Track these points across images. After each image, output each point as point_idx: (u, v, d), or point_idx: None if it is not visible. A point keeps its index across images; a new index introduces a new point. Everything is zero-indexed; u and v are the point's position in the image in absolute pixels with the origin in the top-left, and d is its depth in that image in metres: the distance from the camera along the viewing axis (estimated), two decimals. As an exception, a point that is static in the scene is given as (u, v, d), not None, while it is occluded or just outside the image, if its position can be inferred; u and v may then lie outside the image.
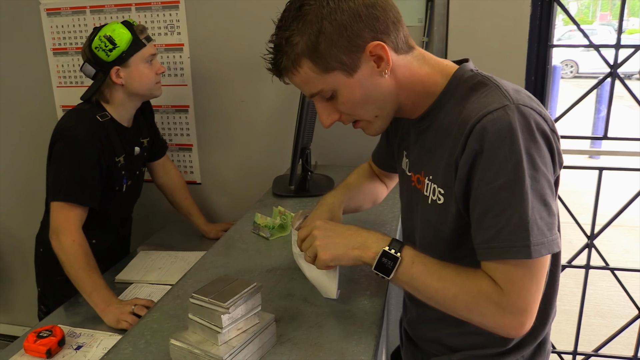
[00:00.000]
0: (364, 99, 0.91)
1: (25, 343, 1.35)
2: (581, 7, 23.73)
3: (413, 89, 0.93)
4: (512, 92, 0.83)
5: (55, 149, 1.59)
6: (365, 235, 0.94)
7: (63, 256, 1.52)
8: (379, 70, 0.88)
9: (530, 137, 0.79)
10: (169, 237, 2.09)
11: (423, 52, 0.95)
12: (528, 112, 0.80)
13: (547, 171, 0.81)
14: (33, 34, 2.22)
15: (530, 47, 1.79)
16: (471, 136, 0.81)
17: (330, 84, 0.89)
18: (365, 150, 2.05)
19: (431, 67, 0.94)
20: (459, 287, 0.85)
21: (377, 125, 0.96)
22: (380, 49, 0.86)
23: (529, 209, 0.78)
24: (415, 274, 0.88)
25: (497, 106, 0.80)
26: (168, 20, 2.07)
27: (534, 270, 0.80)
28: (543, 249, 0.79)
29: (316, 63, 0.87)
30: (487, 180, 0.80)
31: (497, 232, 0.80)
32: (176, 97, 2.17)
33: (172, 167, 2.04)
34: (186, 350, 0.87)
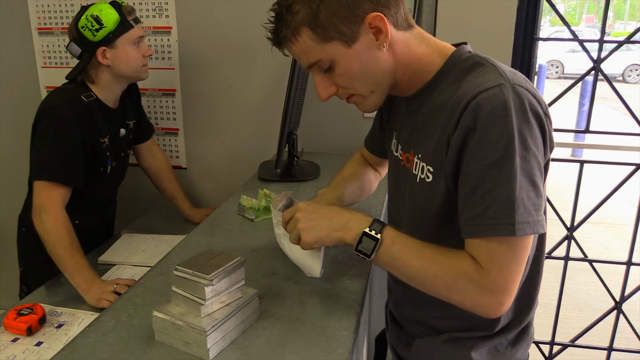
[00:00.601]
0: (362, 71, 0.91)
1: (5, 320, 1.34)
2: (568, 9, 23.98)
3: (410, 66, 0.93)
4: (509, 73, 0.84)
5: (38, 128, 1.57)
6: (347, 217, 0.95)
7: (45, 235, 1.50)
8: (378, 43, 0.88)
9: (523, 116, 0.80)
10: (153, 220, 2.08)
11: (422, 32, 0.95)
12: (523, 93, 0.81)
13: (537, 152, 0.82)
14: (17, 12, 2.18)
15: (516, 40, 1.82)
16: (465, 113, 0.82)
17: (329, 53, 0.89)
18: (352, 138, 2.09)
19: (429, 47, 0.94)
20: (439, 267, 0.86)
21: (371, 100, 0.96)
22: (379, 20, 0.87)
23: (516, 187, 0.79)
24: (396, 254, 0.89)
25: (493, 84, 0.81)
26: (157, 3, 2.05)
27: (516, 249, 0.81)
28: (528, 228, 0.79)
29: (315, 32, 0.87)
30: (477, 157, 0.81)
31: (484, 210, 0.81)
32: (163, 80, 2.15)
33: (158, 151, 2.03)
34: (169, 322, 0.87)
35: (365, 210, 1.49)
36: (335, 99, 1.81)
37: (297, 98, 1.63)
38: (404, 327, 1.14)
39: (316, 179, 1.76)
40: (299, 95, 1.64)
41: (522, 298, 0.99)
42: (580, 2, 24.55)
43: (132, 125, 1.84)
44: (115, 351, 0.87)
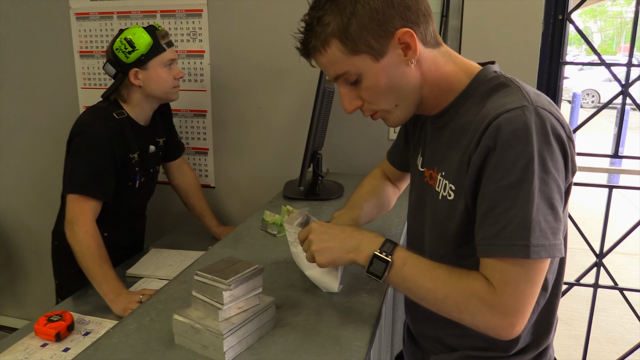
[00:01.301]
0: (388, 86, 0.91)
1: (35, 326, 1.39)
2: (605, 39, 23.69)
3: (437, 84, 0.94)
4: (533, 95, 0.83)
5: (72, 143, 1.66)
6: (359, 238, 0.96)
7: (76, 247, 1.57)
8: (406, 59, 0.89)
9: (544, 139, 0.79)
10: (181, 237, 2.13)
11: (450, 50, 0.96)
12: (545, 115, 0.80)
13: (558, 176, 0.81)
14: (62, 36, 2.32)
15: (542, 64, 1.82)
16: (486, 133, 0.82)
17: (356, 66, 0.90)
18: (377, 160, 2.07)
19: (456, 66, 0.95)
20: (450, 288, 0.85)
21: (396, 115, 0.97)
22: (409, 36, 0.87)
23: (533, 209, 0.78)
24: (407, 276, 0.90)
25: (515, 106, 0.81)
26: (191, 28, 2.15)
27: (530, 272, 0.80)
28: (543, 252, 0.79)
29: (345, 44, 0.88)
30: (496, 177, 0.81)
31: (499, 230, 0.80)
32: (195, 102, 2.23)
33: (188, 169, 2.09)
34: (188, 325, 0.90)
35: (386, 228, 1.51)
36: (360, 121, 1.85)
37: (321, 118, 1.67)
38: (419, 343, 1.14)
39: (339, 199, 1.78)
40: (323, 115, 1.68)
41: (540, 321, 0.97)
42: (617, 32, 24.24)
43: (162, 143, 1.91)
44: (136, 352, 0.90)
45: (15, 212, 2.60)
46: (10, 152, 2.56)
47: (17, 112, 2.49)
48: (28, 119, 2.48)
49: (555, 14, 1.82)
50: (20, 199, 2.59)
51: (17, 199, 2.59)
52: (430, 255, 1.02)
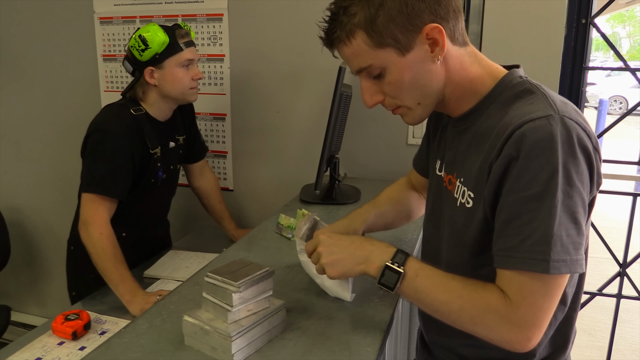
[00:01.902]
0: (412, 82, 0.89)
1: (53, 324, 1.41)
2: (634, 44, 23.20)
3: (460, 84, 0.91)
4: (559, 103, 0.81)
5: (88, 142, 1.65)
6: (370, 249, 0.95)
7: (91, 248, 1.56)
8: (432, 55, 0.86)
9: (570, 151, 0.76)
10: (200, 239, 2.15)
11: (476, 51, 0.93)
12: (572, 126, 0.77)
13: (582, 189, 0.78)
14: (86, 40, 2.36)
15: (564, 69, 1.79)
16: (509, 141, 0.79)
17: (381, 60, 0.87)
18: (394, 164, 2.10)
19: (482, 67, 0.92)
20: (465, 300, 0.83)
21: (417, 113, 0.94)
22: (437, 32, 0.84)
23: (555, 223, 0.76)
24: (419, 287, 0.88)
25: (541, 115, 0.78)
26: (212, 32, 2.17)
27: (549, 286, 0.78)
28: (563, 267, 0.76)
29: (371, 36, 0.85)
30: (517, 188, 0.78)
31: (519, 242, 0.78)
32: (215, 105, 2.25)
33: (209, 172, 2.09)
34: (197, 326, 0.90)
35: (401, 234, 1.49)
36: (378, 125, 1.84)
37: (338, 122, 1.66)
38: (432, 351, 1.12)
39: (356, 203, 1.77)
40: (340, 119, 1.67)
41: (558, 335, 0.95)
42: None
43: (182, 141, 1.88)
44: (146, 352, 0.91)
45: (38, 211, 2.65)
46: (34, 153, 2.62)
47: (42, 113, 2.55)
48: (53, 120, 2.53)
49: (579, 18, 1.79)
50: (43, 199, 2.64)
51: (40, 199, 2.64)
52: (446, 262, 1.00)
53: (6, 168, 2.73)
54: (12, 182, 2.73)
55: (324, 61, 1.99)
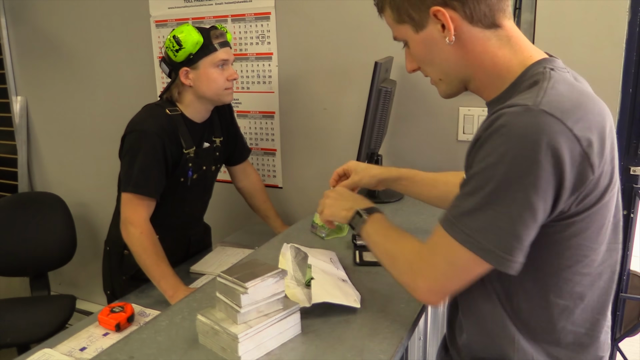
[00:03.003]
0: (428, 58, 0.92)
1: (99, 315, 1.48)
2: None
3: (482, 67, 0.88)
4: (549, 96, 0.76)
5: (125, 142, 1.69)
6: (358, 201, 1.13)
7: (132, 247, 1.61)
8: (443, 35, 0.87)
9: (530, 146, 0.72)
10: (248, 235, 2.17)
11: (511, 35, 0.87)
12: (547, 122, 0.72)
13: (534, 195, 0.74)
14: (143, 43, 2.46)
15: (628, 57, 1.64)
16: (484, 124, 0.80)
17: (402, 34, 0.92)
18: (443, 161, 2.02)
19: (512, 52, 0.87)
20: (393, 245, 0.96)
21: (442, 88, 0.96)
22: (441, 15, 0.84)
23: (482, 204, 0.77)
24: (371, 231, 1.02)
25: (519, 103, 0.75)
26: (260, 31, 2.19)
27: (454, 254, 0.81)
28: (467, 242, 0.79)
29: (392, 11, 0.91)
30: (468, 163, 0.82)
31: (453, 207, 0.82)
32: (264, 103, 2.27)
33: (253, 172, 2.10)
34: (209, 325, 0.91)
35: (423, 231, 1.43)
36: (426, 121, 1.82)
37: (377, 118, 1.62)
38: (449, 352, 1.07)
39: (399, 201, 1.73)
40: (380, 115, 1.63)
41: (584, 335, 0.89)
42: None
43: (218, 143, 1.87)
44: (161, 349, 0.93)
45: (103, 206, 2.79)
46: (98, 151, 2.77)
47: (105, 113, 2.68)
48: (114, 120, 2.63)
49: (646, 1, 1.63)
50: (106, 195, 2.76)
51: (104, 194, 2.76)
52: None
53: (73, 166, 2.91)
54: (78, 179, 2.90)
55: (370, 57, 1.96)
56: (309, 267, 1.12)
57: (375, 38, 1.96)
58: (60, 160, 2.98)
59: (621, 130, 1.71)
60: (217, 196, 2.10)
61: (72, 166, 2.92)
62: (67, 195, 2.54)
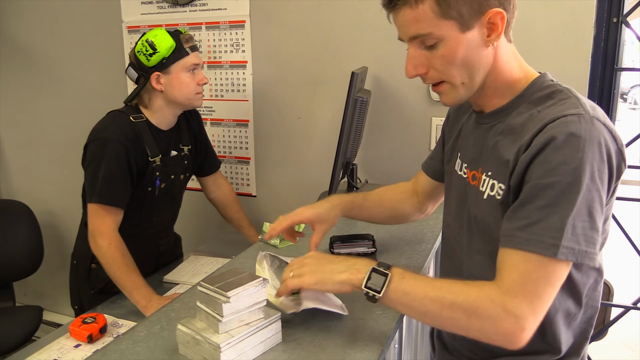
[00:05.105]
0: (463, 60, 0.89)
1: (70, 326, 1.44)
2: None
3: (502, 76, 0.93)
4: (589, 106, 0.83)
5: (87, 151, 1.65)
6: (354, 260, 0.95)
7: (102, 258, 1.57)
8: (489, 39, 0.88)
9: (598, 150, 0.79)
10: (220, 245, 2.15)
11: (515, 50, 0.96)
12: (600, 128, 0.80)
13: (602, 188, 0.80)
14: (114, 48, 2.43)
15: (594, 71, 1.71)
16: (539, 134, 0.81)
17: (442, 31, 0.87)
18: (413, 171, 2.03)
19: (519, 65, 0.95)
20: (456, 294, 0.82)
21: (458, 93, 0.94)
22: (500, 18, 0.86)
23: (572, 213, 0.77)
24: (407, 288, 0.86)
25: (573, 112, 0.80)
26: (234, 39, 2.19)
27: (552, 274, 0.78)
28: (570, 255, 0.77)
29: (439, 5, 0.86)
30: (538, 175, 0.80)
31: (527, 225, 0.79)
32: (238, 111, 2.27)
33: (224, 182, 2.07)
34: (189, 335, 0.90)
35: (417, 242, 1.45)
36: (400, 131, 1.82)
37: (353, 128, 1.64)
38: (453, 351, 1.09)
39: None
40: (356, 125, 1.65)
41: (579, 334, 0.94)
42: None
43: (186, 151, 1.83)
44: (140, 359, 0.91)
45: (71, 215, 2.73)
46: (67, 157, 2.70)
47: (73, 119, 2.62)
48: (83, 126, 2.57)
49: (609, 17, 1.71)
50: (75, 203, 2.71)
51: (73, 203, 2.71)
52: (467, 267, 1.00)
53: (40, 172, 2.84)
54: (46, 186, 2.83)
55: (344, 67, 1.99)
56: None
57: (349, 48, 1.99)
58: (26, 167, 2.90)
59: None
60: (188, 205, 2.08)
61: (39, 173, 2.85)
62: (33, 203, 2.46)
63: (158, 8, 2.29)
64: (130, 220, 1.68)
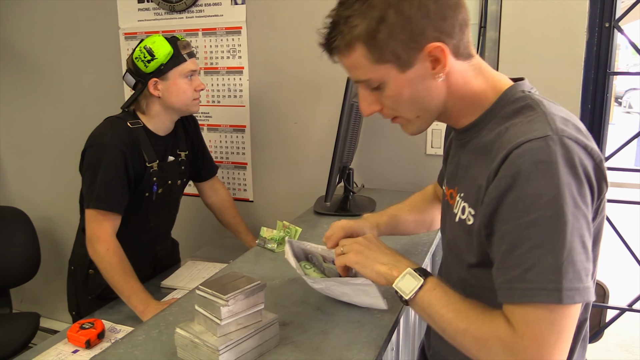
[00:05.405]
0: (411, 98, 0.86)
1: (68, 332, 1.45)
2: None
3: (463, 98, 0.88)
4: (559, 122, 0.76)
5: (85, 157, 1.66)
6: (399, 258, 0.95)
7: (100, 264, 1.58)
8: (433, 72, 0.83)
9: (573, 172, 0.72)
10: (217, 250, 2.16)
11: (480, 63, 0.90)
12: (571, 146, 0.73)
13: (587, 211, 0.73)
14: (111, 55, 2.44)
15: (587, 75, 1.73)
16: (505, 163, 0.75)
17: (380, 75, 0.85)
18: (413, 175, 2.07)
19: (485, 80, 0.89)
20: (471, 321, 0.79)
21: (416, 125, 0.92)
22: (439, 51, 0.81)
23: (565, 248, 0.70)
24: (433, 300, 0.85)
25: (538, 135, 0.74)
26: (231, 45, 2.20)
27: (559, 318, 0.71)
28: (577, 296, 0.70)
29: (371, 51, 0.82)
30: (516, 214, 0.73)
31: (523, 272, 0.72)
32: (234, 117, 2.28)
33: (221, 187, 2.08)
34: (188, 339, 0.91)
35: (411, 246, 1.46)
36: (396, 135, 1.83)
37: (349, 133, 1.65)
38: None
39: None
40: (352, 130, 1.66)
41: None
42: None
43: (183, 157, 1.85)
44: (139, 364, 0.92)
45: (68, 222, 2.74)
46: (64, 164, 2.71)
47: (71, 126, 2.63)
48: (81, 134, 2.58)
49: (602, 22, 1.73)
50: (72, 210, 2.72)
51: (70, 209, 2.71)
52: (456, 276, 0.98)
53: (37, 179, 2.85)
54: (43, 192, 2.84)
55: (340, 72, 1.98)
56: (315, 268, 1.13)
57: (345, 54, 2.00)
58: (23, 173, 2.91)
59: (581, 145, 1.79)
60: (185, 211, 2.09)
61: (36, 179, 2.85)
62: (30, 210, 2.46)
63: (155, 15, 2.30)
64: (128, 226, 1.68)
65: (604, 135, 1.80)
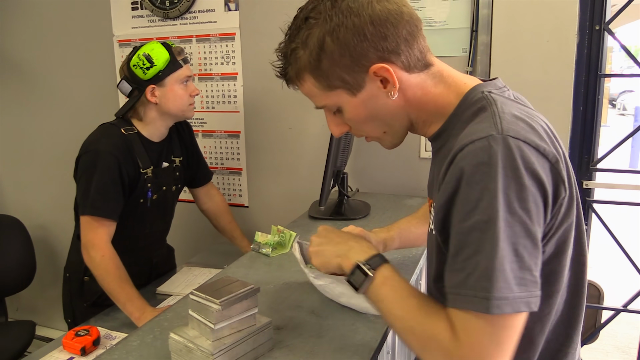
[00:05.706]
0: (370, 117, 0.87)
1: (63, 339, 1.44)
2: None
3: (424, 108, 0.87)
4: (507, 121, 0.74)
5: (79, 163, 1.66)
6: (351, 245, 0.94)
7: (95, 270, 1.58)
8: (385, 91, 0.84)
9: (512, 174, 0.69)
10: (213, 256, 2.15)
11: (441, 70, 0.88)
12: (516, 146, 0.70)
13: (527, 218, 0.70)
14: (105, 62, 2.45)
15: (578, 77, 1.74)
16: (451, 167, 0.74)
17: (334, 101, 0.86)
18: (407, 179, 2.08)
19: (446, 86, 0.87)
20: (417, 322, 0.77)
21: (387, 140, 0.93)
22: (384, 71, 0.81)
23: (497, 256, 0.68)
24: (381, 296, 0.83)
25: (481, 135, 0.72)
26: (225, 51, 2.21)
27: (495, 327, 0.69)
28: (506, 306, 0.68)
29: (318, 80, 0.84)
30: (460, 218, 0.73)
31: (465, 278, 0.71)
32: (229, 122, 2.29)
33: (216, 193, 2.08)
34: (182, 344, 0.91)
35: (406, 249, 1.46)
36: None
37: (343, 137, 1.66)
38: None
39: (365, 218, 1.76)
40: (345, 134, 1.66)
41: None
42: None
43: (178, 163, 1.85)
44: (133, 369, 0.92)
45: (63, 229, 2.73)
46: (59, 172, 2.70)
47: (66, 134, 2.62)
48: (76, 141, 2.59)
49: (592, 25, 1.74)
50: (68, 218, 2.72)
51: (65, 217, 2.71)
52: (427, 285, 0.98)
53: (32, 186, 2.85)
54: (38, 200, 2.84)
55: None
56: None
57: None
58: (18, 181, 2.90)
59: (573, 146, 1.81)
60: (180, 217, 2.09)
61: (30, 187, 2.85)
62: (25, 218, 2.46)
63: (149, 21, 2.31)
64: (123, 232, 1.68)
65: (596, 136, 1.82)
